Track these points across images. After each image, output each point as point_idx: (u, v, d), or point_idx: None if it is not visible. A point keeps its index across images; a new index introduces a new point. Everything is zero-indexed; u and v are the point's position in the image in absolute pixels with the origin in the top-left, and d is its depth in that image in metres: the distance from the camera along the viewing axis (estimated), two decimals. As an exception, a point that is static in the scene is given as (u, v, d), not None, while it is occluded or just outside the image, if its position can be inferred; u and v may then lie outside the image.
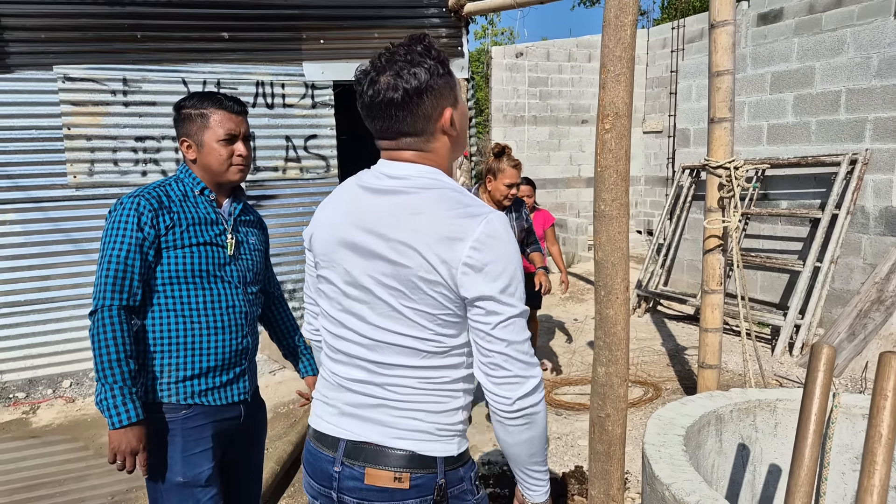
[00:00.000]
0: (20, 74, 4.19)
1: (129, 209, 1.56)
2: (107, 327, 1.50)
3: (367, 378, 1.16)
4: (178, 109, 1.68)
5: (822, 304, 4.73)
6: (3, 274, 4.26)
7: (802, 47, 5.18)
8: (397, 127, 1.13)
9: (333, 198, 1.25)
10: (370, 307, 1.14)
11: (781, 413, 1.91)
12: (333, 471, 1.16)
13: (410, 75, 1.08)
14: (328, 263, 1.20)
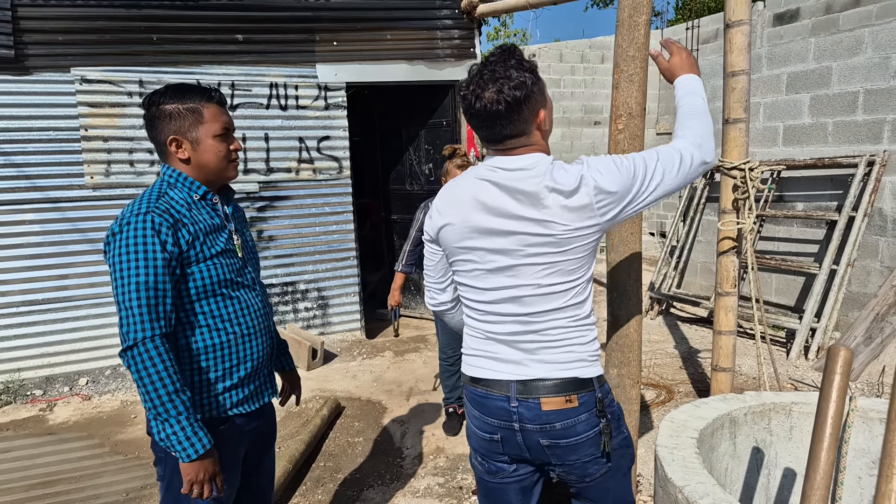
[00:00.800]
0: (39, 76, 4.26)
1: (145, 228, 1.41)
2: (154, 360, 1.38)
3: (522, 329, 1.43)
4: (155, 105, 1.52)
5: (838, 307, 4.66)
6: (21, 273, 4.33)
7: (819, 47, 5.12)
8: (502, 132, 1.37)
9: (455, 196, 1.47)
10: (518, 271, 1.39)
11: (797, 416, 1.88)
12: (510, 407, 1.44)
13: (511, 90, 1.31)
14: (466, 249, 1.45)
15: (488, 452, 1.53)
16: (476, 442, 1.56)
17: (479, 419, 1.51)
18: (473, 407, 1.53)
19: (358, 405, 3.96)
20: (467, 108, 1.37)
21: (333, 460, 3.22)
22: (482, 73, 1.34)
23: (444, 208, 1.48)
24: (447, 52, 5.20)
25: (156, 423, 1.41)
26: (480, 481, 1.61)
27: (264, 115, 4.80)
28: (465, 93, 1.37)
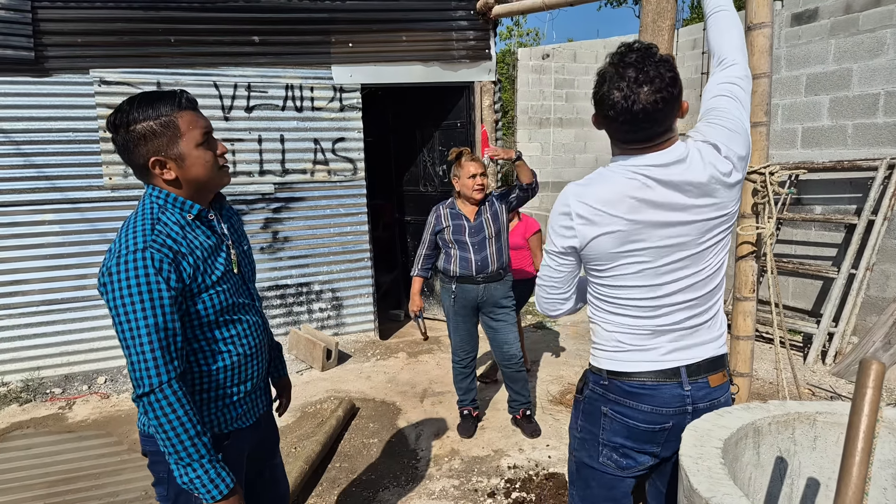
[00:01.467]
0: (58, 78, 4.30)
1: (146, 267, 1.31)
2: (174, 405, 1.33)
3: (690, 314, 1.49)
4: (124, 128, 1.36)
5: (856, 311, 4.61)
6: (41, 273, 4.39)
7: (839, 48, 5.06)
8: (658, 130, 1.38)
9: (608, 202, 1.42)
10: (694, 258, 1.44)
11: (821, 426, 1.86)
12: (684, 391, 1.52)
13: (668, 87, 1.33)
14: (631, 252, 1.44)
15: (644, 444, 1.56)
16: (627, 437, 1.57)
17: (648, 413, 1.53)
18: (637, 401, 1.53)
19: (372, 406, 3.97)
20: (622, 111, 1.33)
21: (349, 461, 3.23)
22: (629, 76, 1.32)
23: (597, 217, 1.42)
24: (462, 54, 5.19)
25: (177, 467, 1.37)
26: (601, 478, 1.63)
27: (280, 116, 4.83)
28: (616, 98, 1.33)
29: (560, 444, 3.30)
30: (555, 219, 1.52)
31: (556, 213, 1.51)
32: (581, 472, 1.67)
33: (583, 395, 1.65)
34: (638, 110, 1.32)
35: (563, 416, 3.67)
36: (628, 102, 1.32)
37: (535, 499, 2.81)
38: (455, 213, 3.31)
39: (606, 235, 1.43)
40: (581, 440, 1.65)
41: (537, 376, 4.37)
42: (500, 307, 3.34)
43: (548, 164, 9.07)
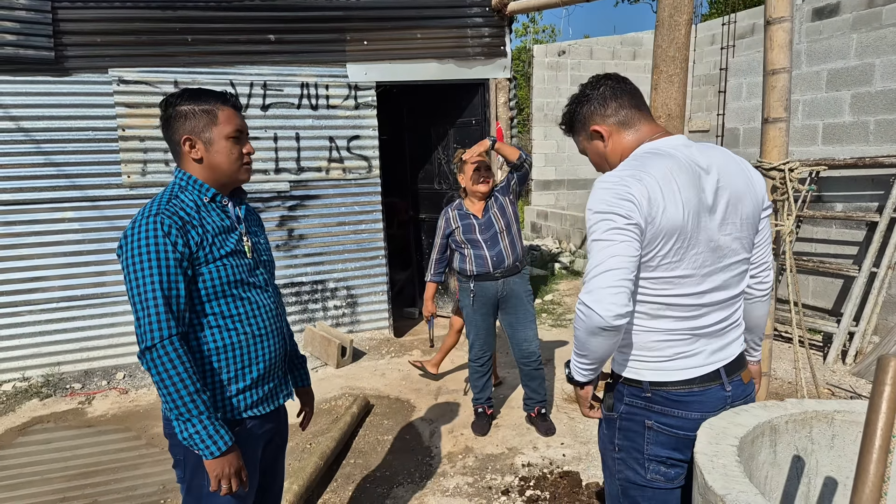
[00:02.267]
0: (78, 77, 4.38)
1: (156, 230, 1.42)
2: (174, 361, 1.39)
3: (724, 315, 1.50)
4: (172, 107, 1.54)
5: (877, 310, 4.52)
6: (60, 269, 4.47)
7: (861, 43, 4.96)
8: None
9: (668, 178, 1.38)
10: (733, 252, 1.46)
11: (839, 425, 1.83)
12: (725, 393, 1.53)
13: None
14: (687, 237, 1.39)
15: (688, 453, 1.54)
16: (674, 448, 1.53)
17: (696, 420, 1.52)
18: (686, 409, 1.49)
19: (387, 403, 3.98)
20: (618, 82, 1.54)
21: (363, 457, 3.25)
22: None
23: (662, 188, 1.36)
24: (477, 51, 5.19)
25: (178, 423, 1.42)
26: (653, 495, 1.58)
27: (295, 114, 4.86)
28: (608, 84, 1.54)
29: (574, 443, 3.29)
30: (610, 198, 1.35)
31: (612, 189, 1.36)
32: (629, 493, 1.60)
33: (617, 413, 1.57)
34: (629, 86, 1.52)
35: (578, 414, 3.66)
36: (613, 80, 1.52)
37: (549, 497, 2.80)
38: (463, 214, 3.32)
39: (672, 210, 1.35)
40: (622, 460, 1.58)
41: (552, 374, 4.35)
42: (519, 302, 3.32)
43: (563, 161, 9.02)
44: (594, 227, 1.38)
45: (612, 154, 1.53)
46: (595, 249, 1.36)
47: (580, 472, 2.97)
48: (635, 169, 1.39)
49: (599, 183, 1.43)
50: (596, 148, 1.57)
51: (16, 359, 4.45)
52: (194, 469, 1.53)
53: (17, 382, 4.40)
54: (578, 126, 1.58)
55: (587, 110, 1.55)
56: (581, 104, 1.56)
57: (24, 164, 4.32)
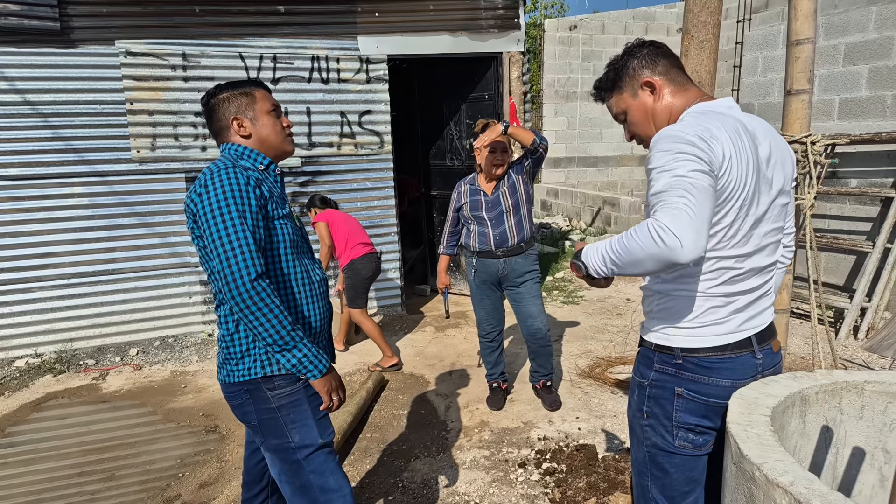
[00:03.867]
0: (84, 49, 4.31)
1: (237, 178, 1.50)
2: (271, 296, 1.45)
3: (762, 281, 1.50)
4: (212, 97, 1.68)
5: (890, 286, 4.51)
6: (71, 245, 4.45)
7: (881, 16, 4.86)
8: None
9: (733, 129, 1.35)
10: (775, 218, 1.46)
11: (869, 395, 1.83)
12: (756, 360, 1.53)
13: None
14: (747, 198, 1.36)
15: (718, 419, 1.56)
16: (704, 416, 1.54)
17: (727, 387, 1.52)
18: (717, 377, 1.50)
19: (401, 379, 3.99)
20: (659, 45, 1.55)
21: (380, 432, 3.26)
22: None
23: (727, 139, 1.30)
24: (490, 23, 5.09)
25: (282, 355, 1.50)
26: (681, 462, 1.59)
27: (306, 88, 4.79)
28: (650, 45, 1.54)
29: (589, 417, 3.30)
30: (681, 144, 1.27)
31: (681, 136, 1.28)
32: (657, 460, 1.60)
33: (648, 380, 1.57)
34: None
35: (593, 389, 3.67)
36: (658, 44, 1.51)
37: (566, 469, 2.81)
38: (474, 189, 3.28)
39: (737, 168, 1.31)
40: (651, 427, 1.58)
41: (565, 350, 4.36)
42: (522, 280, 3.30)
43: (574, 138, 8.94)
44: (667, 162, 1.25)
45: (661, 111, 1.48)
46: (670, 176, 1.23)
47: (595, 445, 2.99)
48: (699, 123, 1.32)
49: (662, 136, 1.31)
50: (643, 104, 1.50)
51: (28, 335, 4.45)
52: (267, 428, 1.61)
53: (29, 359, 4.42)
54: (625, 80, 1.51)
55: (637, 64, 1.50)
56: (631, 57, 1.51)
57: (31, 139, 4.28)
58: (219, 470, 2.94)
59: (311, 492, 1.63)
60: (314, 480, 1.62)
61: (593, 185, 9.30)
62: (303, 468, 1.62)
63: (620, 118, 1.57)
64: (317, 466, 1.62)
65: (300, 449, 1.61)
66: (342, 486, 1.66)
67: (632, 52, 1.52)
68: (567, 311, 5.35)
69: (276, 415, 1.59)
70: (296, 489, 1.64)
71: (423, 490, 2.70)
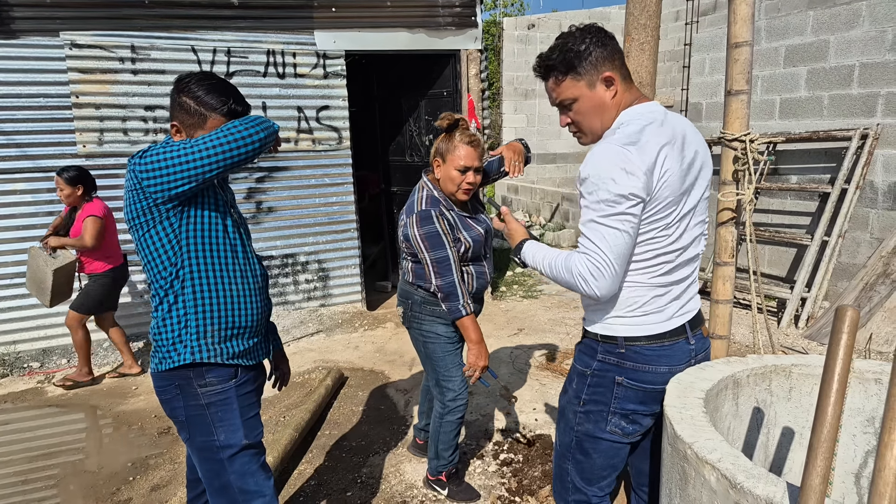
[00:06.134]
0: (26, 40, 4.15)
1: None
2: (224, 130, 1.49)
3: (691, 270, 1.58)
4: (185, 93, 1.59)
5: (828, 277, 4.76)
6: (14, 244, 4.28)
7: (817, 20, 5.11)
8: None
9: (660, 139, 1.41)
10: (701, 211, 1.54)
11: (796, 378, 1.95)
12: (689, 346, 1.61)
13: None
14: (679, 198, 1.45)
15: (653, 405, 1.62)
16: (641, 402, 1.60)
17: (665, 374, 1.58)
18: (657, 364, 1.56)
19: (361, 375, 4.00)
20: (607, 37, 1.52)
21: (338, 428, 3.27)
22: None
23: (665, 150, 1.40)
24: (448, 20, 5.13)
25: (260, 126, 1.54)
26: (607, 448, 1.65)
27: (261, 83, 4.73)
28: (596, 34, 1.48)
29: (546, 408, 3.38)
30: (615, 173, 1.34)
31: (617, 160, 1.35)
32: (583, 445, 1.66)
33: (590, 369, 1.61)
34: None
35: (549, 380, 3.76)
36: (607, 33, 1.47)
37: (522, 459, 2.88)
38: (461, 215, 2.33)
39: (670, 175, 1.40)
40: (585, 413, 1.64)
41: (524, 343, 4.44)
42: None
43: (533, 135, 9.06)
44: (599, 205, 1.37)
45: (612, 108, 1.47)
46: (600, 229, 1.38)
47: (551, 434, 3.07)
48: (637, 135, 1.38)
49: (604, 150, 1.38)
50: (598, 97, 1.45)
51: (-31, 337, 4.27)
52: (194, 425, 1.61)
53: (-29, 362, 4.24)
54: (586, 68, 1.42)
55: (600, 55, 1.42)
56: (594, 46, 1.41)
57: (-30, 133, 4.10)
58: (171, 472, 2.89)
59: (231, 492, 1.63)
60: (235, 481, 1.63)
61: (552, 181, 9.47)
62: (225, 468, 1.62)
63: (566, 103, 1.49)
64: (239, 468, 1.63)
65: (224, 448, 1.61)
66: (263, 488, 1.67)
67: (594, 40, 1.43)
68: (526, 305, 5.45)
69: (205, 412, 1.59)
70: (216, 489, 1.64)
71: (381, 485, 2.72)
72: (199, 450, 1.63)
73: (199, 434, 1.61)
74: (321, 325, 4.91)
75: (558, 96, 1.48)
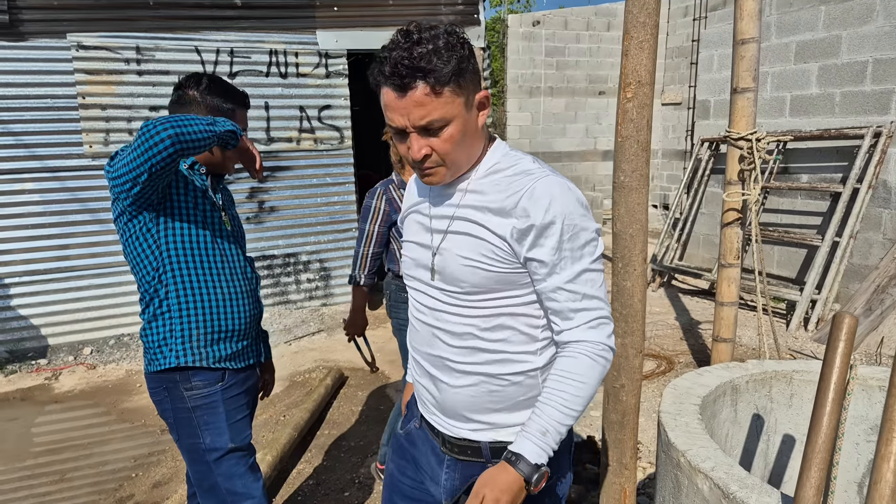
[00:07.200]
0: (34, 42, 4.18)
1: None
2: (174, 119, 1.41)
3: None
4: (191, 89, 1.65)
5: (839, 279, 4.67)
6: (22, 243, 4.33)
7: (829, 15, 5.02)
8: None
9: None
10: None
11: (797, 384, 1.90)
12: None
13: None
14: None
15: None
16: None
17: None
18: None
19: (361, 375, 3.99)
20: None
21: (338, 428, 3.26)
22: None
23: None
24: (450, 19, 5.10)
25: (219, 138, 1.48)
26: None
27: (264, 83, 4.74)
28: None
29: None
30: (577, 205, 1.11)
31: (572, 195, 1.11)
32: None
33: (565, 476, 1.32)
34: None
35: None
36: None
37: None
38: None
39: None
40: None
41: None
42: None
43: (538, 133, 9.01)
44: (585, 249, 1.11)
45: (479, 141, 1.15)
46: (596, 280, 1.13)
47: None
48: (549, 168, 1.15)
49: (550, 184, 1.09)
50: (472, 123, 1.10)
51: (-22, 335, 4.32)
52: (181, 427, 1.62)
53: (-21, 359, 4.29)
54: (468, 83, 1.07)
55: (477, 67, 1.10)
56: (473, 57, 1.09)
57: (-22, 134, 4.14)
58: (173, 469, 2.91)
59: (220, 493, 1.65)
60: (222, 483, 1.64)
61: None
62: (211, 470, 1.64)
63: (435, 126, 1.05)
64: (225, 470, 1.64)
65: (210, 451, 1.62)
66: (251, 490, 1.68)
67: (470, 49, 1.09)
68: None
69: (191, 415, 1.61)
70: (205, 490, 1.67)
71: (380, 486, 2.71)
72: (187, 451, 1.65)
73: (186, 436, 1.62)
74: (322, 325, 4.91)
75: (427, 115, 1.03)
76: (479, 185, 1.14)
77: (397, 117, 1.06)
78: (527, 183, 1.09)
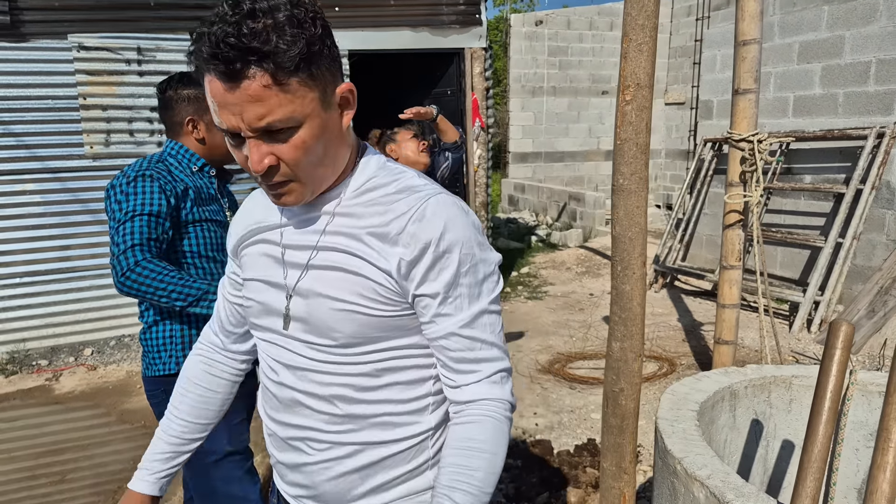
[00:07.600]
0: (35, 43, 4.19)
1: (145, 178, 1.54)
2: (153, 271, 1.48)
3: None
4: (172, 89, 1.65)
5: (842, 280, 4.65)
6: (23, 244, 4.34)
7: (832, 16, 4.99)
8: None
9: None
10: None
11: (797, 389, 1.89)
12: None
13: None
14: None
15: None
16: None
17: None
18: None
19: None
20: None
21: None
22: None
23: None
24: (452, 19, 5.09)
25: (199, 307, 1.52)
26: None
27: (265, 84, 4.73)
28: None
29: (547, 413, 3.34)
30: (473, 230, 0.89)
31: (468, 218, 0.89)
32: None
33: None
34: None
35: (552, 384, 3.71)
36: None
37: (521, 464, 2.85)
38: None
39: None
40: None
41: (526, 346, 4.40)
42: None
43: (541, 133, 9.00)
44: (489, 286, 0.90)
45: (346, 151, 0.89)
46: (496, 324, 0.91)
47: (552, 440, 3.03)
48: (436, 186, 0.92)
49: (442, 205, 0.86)
50: (336, 125, 0.85)
51: (-21, 336, 4.34)
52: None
53: (-19, 360, 4.31)
54: (323, 70, 0.81)
55: (338, 54, 0.87)
56: (332, 39, 0.85)
57: (-21, 135, 4.15)
58: (171, 471, 2.91)
59: (217, 497, 1.66)
60: (220, 486, 1.65)
61: (560, 180, 9.38)
62: (209, 473, 1.64)
63: (281, 126, 0.79)
64: (223, 473, 1.65)
65: (208, 454, 1.63)
66: (249, 493, 1.68)
67: (325, 27, 0.84)
68: (531, 306, 5.40)
69: None
70: (203, 493, 1.68)
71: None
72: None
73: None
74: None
75: (267, 114, 0.77)
76: (351, 205, 0.88)
77: (228, 116, 0.78)
78: (414, 203, 0.85)
